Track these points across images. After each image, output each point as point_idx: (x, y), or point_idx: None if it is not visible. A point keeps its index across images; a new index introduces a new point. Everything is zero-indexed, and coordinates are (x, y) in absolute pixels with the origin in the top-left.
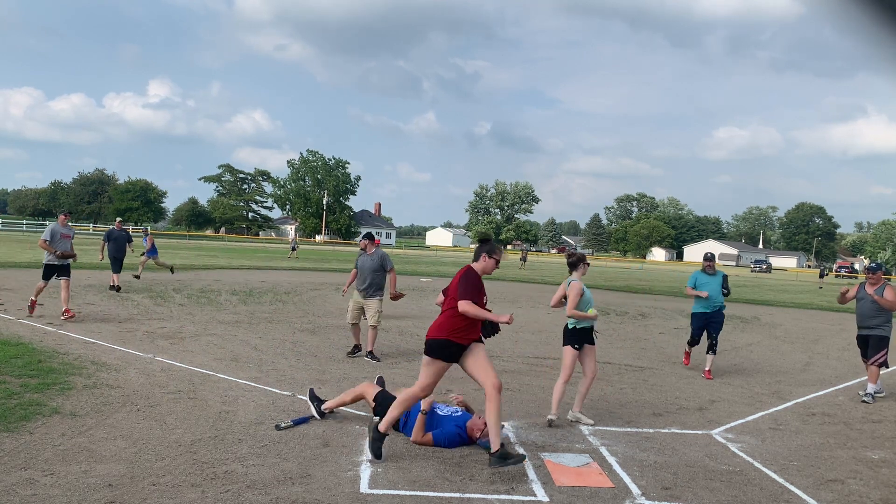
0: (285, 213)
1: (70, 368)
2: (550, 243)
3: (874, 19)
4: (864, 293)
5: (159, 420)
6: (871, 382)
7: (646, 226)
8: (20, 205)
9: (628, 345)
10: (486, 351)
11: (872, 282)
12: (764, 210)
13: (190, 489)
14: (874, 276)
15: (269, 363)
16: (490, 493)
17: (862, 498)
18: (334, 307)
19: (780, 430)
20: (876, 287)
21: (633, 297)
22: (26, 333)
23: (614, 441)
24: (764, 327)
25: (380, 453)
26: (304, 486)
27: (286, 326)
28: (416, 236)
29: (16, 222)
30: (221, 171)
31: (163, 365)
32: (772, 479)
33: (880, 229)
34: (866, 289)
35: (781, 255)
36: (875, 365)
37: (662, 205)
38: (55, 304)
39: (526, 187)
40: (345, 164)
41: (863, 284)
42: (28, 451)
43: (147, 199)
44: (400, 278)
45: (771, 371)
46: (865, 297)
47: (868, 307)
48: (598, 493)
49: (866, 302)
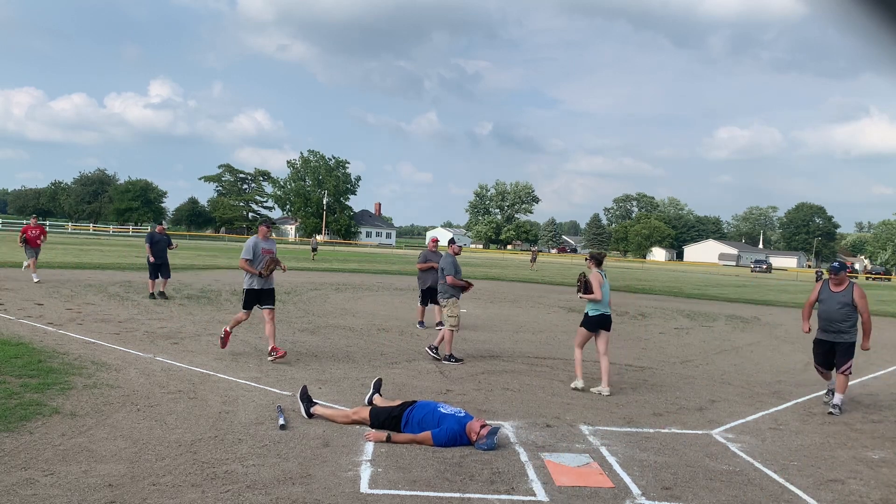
0: (285, 213)
1: (70, 368)
2: (550, 243)
3: (876, 20)
4: (828, 293)
5: (159, 420)
6: (839, 392)
7: (646, 226)
8: (20, 205)
9: (628, 345)
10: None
11: (836, 282)
12: (764, 210)
13: (190, 489)
14: (837, 277)
15: (269, 363)
16: (490, 493)
17: (862, 498)
18: (334, 307)
19: (780, 430)
20: (841, 289)
21: (633, 297)
22: (26, 333)
23: (614, 441)
24: (764, 327)
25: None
26: (304, 486)
27: (286, 326)
28: (416, 236)
29: (16, 222)
30: (221, 170)
31: (163, 365)
32: (772, 479)
33: (880, 229)
34: (830, 289)
35: (781, 255)
36: (844, 374)
37: (662, 205)
38: (55, 305)
39: (526, 187)
40: (345, 164)
41: (826, 283)
42: (28, 451)
43: (147, 199)
44: (400, 278)
45: (771, 371)
46: (831, 297)
47: (836, 310)
48: (598, 493)
49: (832, 303)
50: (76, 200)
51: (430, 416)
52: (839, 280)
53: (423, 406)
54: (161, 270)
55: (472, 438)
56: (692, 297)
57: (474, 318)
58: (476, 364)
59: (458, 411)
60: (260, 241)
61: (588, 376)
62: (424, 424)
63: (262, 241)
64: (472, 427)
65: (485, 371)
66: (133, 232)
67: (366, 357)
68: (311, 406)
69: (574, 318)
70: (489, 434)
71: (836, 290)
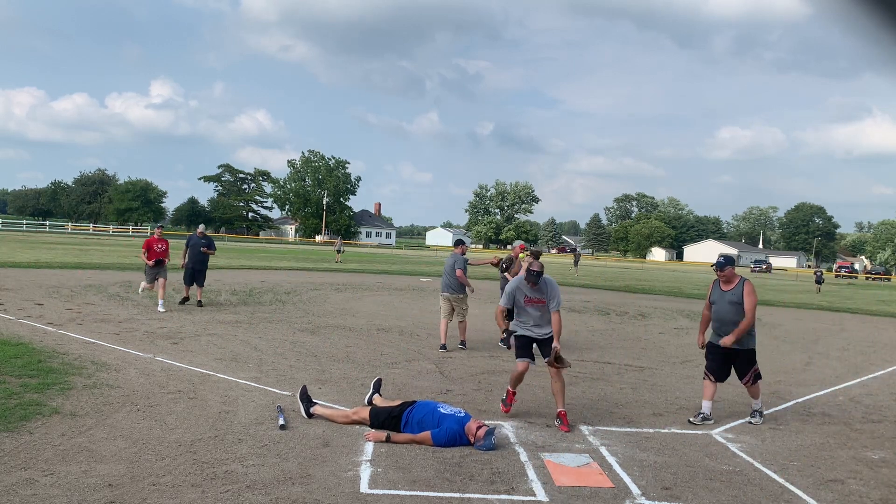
0: (285, 213)
1: (70, 368)
2: (550, 243)
3: (878, 20)
4: (719, 294)
5: (159, 420)
6: (755, 399)
7: (646, 226)
8: (20, 205)
9: (628, 345)
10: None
11: (725, 280)
12: (764, 210)
13: (190, 489)
14: (723, 273)
15: (269, 363)
16: (490, 493)
17: (862, 498)
18: (334, 307)
19: (780, 430)
20: (731, 287)
21: (633, 297)
22: (26, 333)
23: (614, 441)
24: (764, 327)
25: None
26: (304, 486)
27: (286, 326)
28: (416, 236)
29: (16, 222)
30: (221, 170)
31: (163, 365)
32: (772, 479)
33: (880, 229)
34: (721, 288)
35: (781, 255)
36: (753, 384)
37: (662, 205)
38: (55, 305)
39: (526, 187)
40: (345, 165)
41: (716, 283)
42: (28, 451)
43: (147, 199)
44: (400, 278)
45: (771, 371)
46: (722, 298)
47: (728, 312)
48: (598, 493)
49: (723, 304)
50: (76, 200)
51: (429, 417)
52: (727, 277)
53: (422, 406)
54: (197, 278)
55: (471, 440)
56: (692, 297)
57: (474, 319)
58: (476, 364)
59: (458, 411)
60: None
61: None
62: (424, 424)
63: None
64: (469, 428)
65: (485, 371)
66: (133, 232)
67: (366, 357)
68: (311, 406)
69: (573, 318)
70: (486, 434)
71: (727, 290)
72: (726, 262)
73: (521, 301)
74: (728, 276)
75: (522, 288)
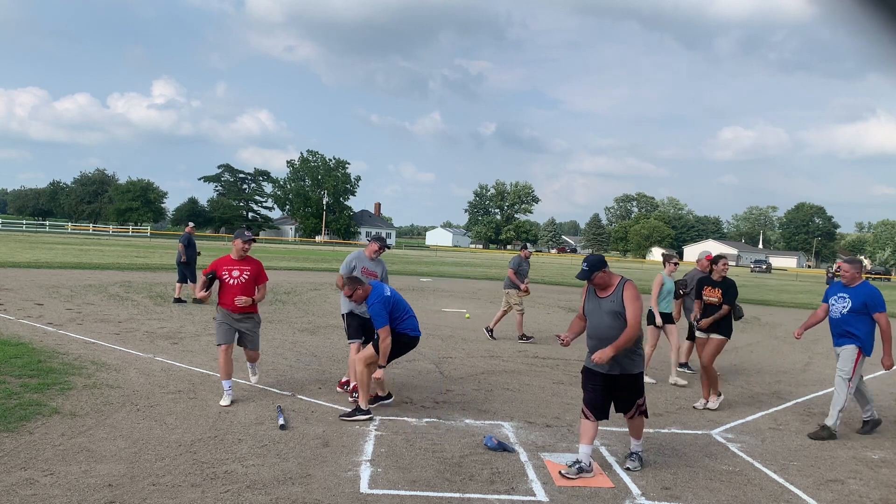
0: (285, 213)
1: (70, 368)
2: (550, 243)
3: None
4: (594, 303)
5: (159, 420)
6: (635, 439)
7: (646, 226)
8: (20, 205)
9: None
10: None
11: (600, 285)
12: (764, 210)
13: (190, 489)
14: (593, 282)
15: (269, 363)
16: (490, 493)
17: (862, 498)
18: (334, 307)
19: (780, 430)
20: (608, 294)
21: None
22: (26, 333)
23: (614, 441)
24: (764, 327)
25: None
26: (304, 486)
27: (286, 326)
28: (416, 236)
29: (15, 222)
30: (221, 170)
31: (163, 365)
32: (772, 479)
33: (880, 229)
34: (597, 295)
35: (781, 255)
36: (638, 418)
37: (662, 205)
38: (55, 305)
39: (526, 187)
40: (345, 165)
41: (591, 290)
42: (28, 451)
43: (147, 200)
44: (400, 278)
45: (771, 371)
46: (598, 308)
47: (609, 324)
48: (598, 493)
49: (599, 316)
50: (76, 200)
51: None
52: (603, 281)
53: (372, 303)
54: (189, 272)
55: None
56: None
57: (474, 319)
58: (476, 364)
59: (383, 287)
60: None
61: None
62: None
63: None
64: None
65: (485, 371)
66: (133, 232)
67: None
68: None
69: (572, 318)
70: (487, 439)
71: (603, 297)
72: (591, 267)
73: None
74: (605, 281)
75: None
